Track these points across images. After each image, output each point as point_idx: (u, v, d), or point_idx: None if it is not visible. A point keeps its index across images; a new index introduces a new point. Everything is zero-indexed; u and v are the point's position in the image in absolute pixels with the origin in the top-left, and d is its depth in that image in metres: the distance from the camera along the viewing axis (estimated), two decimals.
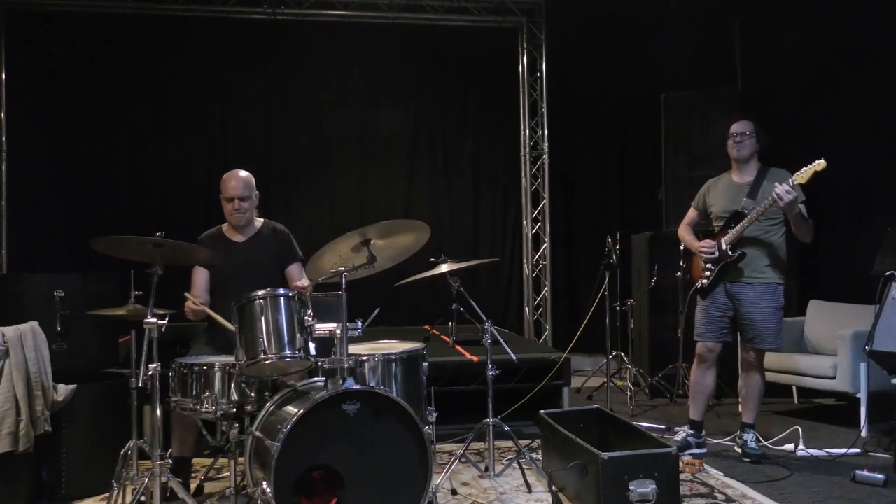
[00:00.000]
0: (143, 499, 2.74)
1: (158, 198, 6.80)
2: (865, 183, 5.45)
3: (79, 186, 6.60)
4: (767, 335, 3.82)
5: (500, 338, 3.57)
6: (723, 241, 3.88)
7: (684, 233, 4.19)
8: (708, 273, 3.93)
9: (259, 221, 3.57)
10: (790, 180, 3.64)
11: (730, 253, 3.84)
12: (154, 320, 2.69)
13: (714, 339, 3.94)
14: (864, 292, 4.06)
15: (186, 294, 3.27)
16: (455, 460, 3.48)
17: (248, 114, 7.11)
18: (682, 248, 4.50)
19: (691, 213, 4.21)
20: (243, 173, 3.45)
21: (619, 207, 7.47)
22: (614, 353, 5.80)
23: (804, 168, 3.65)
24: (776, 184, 3.64)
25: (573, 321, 6.94)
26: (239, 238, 3.51)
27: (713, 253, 3.90)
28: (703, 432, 4.07)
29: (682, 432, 4.06)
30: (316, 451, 2.52)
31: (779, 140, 5.69)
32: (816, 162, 3.63)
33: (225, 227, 3.55)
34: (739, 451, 3.95)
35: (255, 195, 3.48)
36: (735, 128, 3.94)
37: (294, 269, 3.51)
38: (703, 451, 4.01)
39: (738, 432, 4.01)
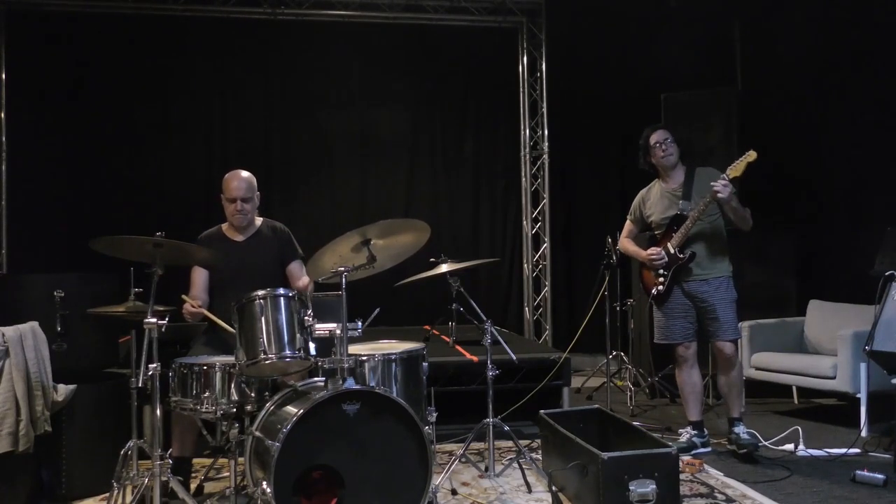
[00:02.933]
0: (143, 499, 2.74)
1: (158, 198, 6.79)
2: (865, 183, 5.45)
3: (79, 186, 6.61)
4: (729, 326, 3.90)
5: (500, 338, 3.56)
6: (669, 245, 3.95)
7: (627, 245, 4.26)
8: (662, 279, 3.98)
9: (259, 221, 3.57)
10: (724, 175, 3.74)
11: (680, 255, 3.91)
12: (154, 320, 2.68)
13: (681, 339, 3.99)
14: (864, 292, 4.06)
15: (184, 297, 3.25)
16: (455, 460, 3.48)
17: (248, 114, 7.11)
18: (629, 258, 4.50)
19: (629, 226, 4.28)
20: (245, 174, 3.44)
21: (619, 207, 7.45)
22: (614, 353, 5.80)
23: (736, 161, 3.76)
24: (712, 182, 3.74)
25: (573, 321, 6.93)
26: (239, 238, 3.50)
27: (663, 258, 3.95)
28: (706, 432, 4.09)
29: (686, 434, 4.06)
30: (316, 451, 2.52)
31: (779, 140, 5.72)
32: (747, 153, 3.74)
33: (225, 226, 3.55)
34: (734, 446, 3.94)
35: (257, 196, 3.48)
36: (657, 136, 4.03)
37: (295, 267, 3.51)
38: (709, 449, 4.03)
39: (729, 428, 4.01)
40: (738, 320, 4.01)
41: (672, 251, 3.93)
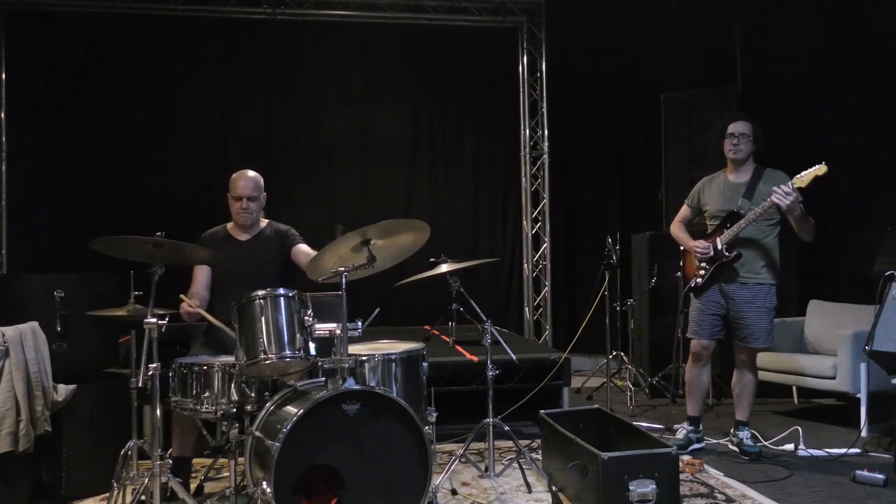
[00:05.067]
0: (143, 499, 2.74)
1: (158, 198, 6.79)
2: (865, 183, 5.45)
3: (79, 186, 6.61)
4: (760, 335, 3.84)
5: (500, 338, 3.56)
6: (718, 240, 3.87)
7: (678, 230, 4.18)
8: (703, 272, 3.93)
9: (264, 222, 3.58)
10: (790, 183, 3.61)
11: (726, 253, 3.83)
12: (154, 320, 2.68)
13: (707, 337, 3.96)
14: (864, 292, 4.06)
15: (182, 296, 3.26)
16: (455, 460, 3.48)
17: (248, 114, 7.10)
18: (682, 247, 4.47)
19: (685, 211, 4.20)
20: (252, 174, 3.47)
21: (619, 207, 7.46)
22: (614, 353, 5.80)
23: (804, 171, 3.62)
24: (775, 187, 3.62)
25: (573, 321, 6.94)
26: (243, 237, 3.51)
27: (708, 252, 3.89)
28: (701, 427, 4.10)
29: (683, 430, 4.08)
30: (316, 451, 2.52)
31: (779, 140, 5.71)
32: (818, 166, 3.59)
33: (230, 225, 3.56)
34: (736, 448, 3.96)
35: (263, 196, 3.51)
36: (734, 128, 3.90)
37: (301, 248, 3.47)
38: (702, 445, 4.05)
39: (733, 430, 4.03)
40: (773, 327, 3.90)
41: (719, 247, 3.85)
